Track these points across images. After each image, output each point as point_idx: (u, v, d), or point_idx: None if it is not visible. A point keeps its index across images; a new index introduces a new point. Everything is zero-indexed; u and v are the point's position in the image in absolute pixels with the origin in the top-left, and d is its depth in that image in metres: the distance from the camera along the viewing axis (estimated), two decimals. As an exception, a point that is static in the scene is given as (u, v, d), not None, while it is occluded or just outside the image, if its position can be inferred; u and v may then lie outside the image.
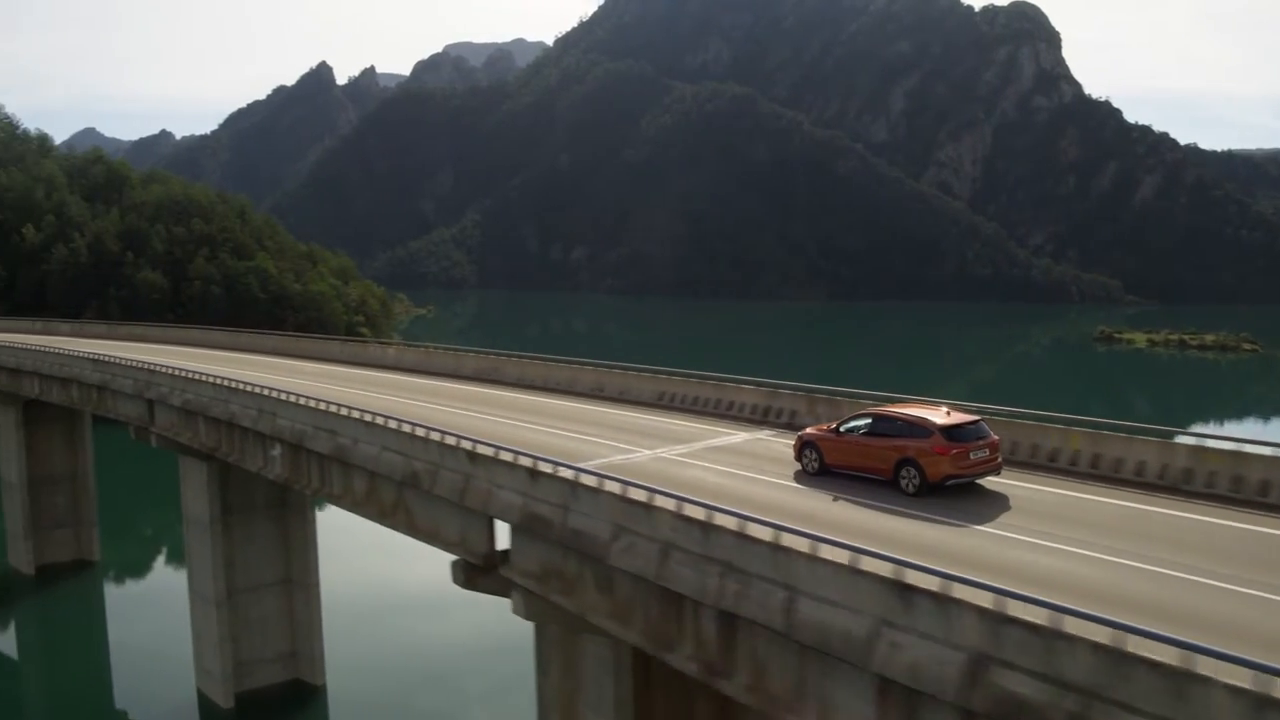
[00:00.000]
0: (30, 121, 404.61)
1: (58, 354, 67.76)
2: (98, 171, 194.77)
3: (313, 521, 57.57)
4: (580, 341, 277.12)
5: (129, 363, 58.55)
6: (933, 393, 53.56)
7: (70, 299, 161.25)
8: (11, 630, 74.73)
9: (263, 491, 54.59)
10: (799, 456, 29.49)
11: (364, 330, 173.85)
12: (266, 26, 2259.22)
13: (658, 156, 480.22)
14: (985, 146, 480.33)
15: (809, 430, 29.98)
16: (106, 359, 61.12)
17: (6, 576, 79.54)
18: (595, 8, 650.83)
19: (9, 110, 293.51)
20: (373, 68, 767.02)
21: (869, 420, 28.40)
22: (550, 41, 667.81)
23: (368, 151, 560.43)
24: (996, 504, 25.70)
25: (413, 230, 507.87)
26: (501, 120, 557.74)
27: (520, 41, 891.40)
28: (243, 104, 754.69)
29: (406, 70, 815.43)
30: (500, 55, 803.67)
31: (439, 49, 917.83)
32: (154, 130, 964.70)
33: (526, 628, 30.55)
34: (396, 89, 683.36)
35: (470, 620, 60.63)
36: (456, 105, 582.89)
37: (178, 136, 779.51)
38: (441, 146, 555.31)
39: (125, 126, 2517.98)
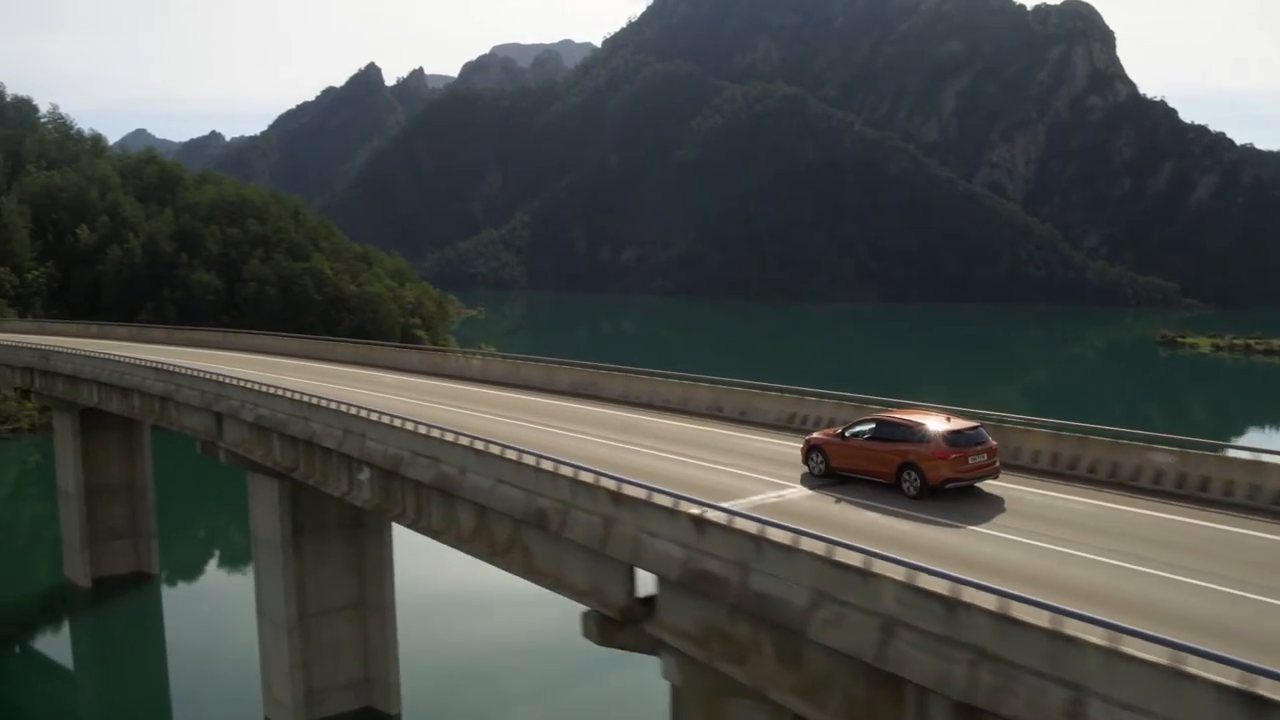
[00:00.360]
0: (82, 122, 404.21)
1: (118, 362, 64.47)
2: (151, 172, 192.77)
3: (389, 542, 53.98)
4: (633, 345, 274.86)
5: (195, 373, 55.03)
6: (986, 396, 50.52)
7: (124, 300, 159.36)
8: (68, 645, 71.89)
9: (336, 510, 51.09)
10: (806, 460, 30.33)
11: (420, 333, 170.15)
12: (314, 29, 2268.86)
13: (707, 157, 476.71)
14: (1038, 147, 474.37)
15: (815, 435, 31.07)
16: (170, 368, 57.56)
17: (63, 589, 76.78)
18: (643, 9, 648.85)
19: (62, 110, 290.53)
20: (421, 69, 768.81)
21: (872, 425, 29.30)
22: (598, 43, 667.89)
23: (416, 152, 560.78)
24: (993, 506, 26.60)
25: (461, 231, 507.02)
26: (550, 121, 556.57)
27: (568, 43, 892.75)
28: (291, 105, 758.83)
29: (454, 71, 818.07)
30: (548, 56, 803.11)
31: (486, 50, 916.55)
32: (204, 132, 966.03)
33: (621, 660, 26.89)
34: (444, 90, 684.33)
35: (558, 646, 57.22)
36: (505, 106, 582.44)
37: (227, 138, 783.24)
38: (490, 147, 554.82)
39: (175, 128, 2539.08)
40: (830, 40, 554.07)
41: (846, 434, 29.47)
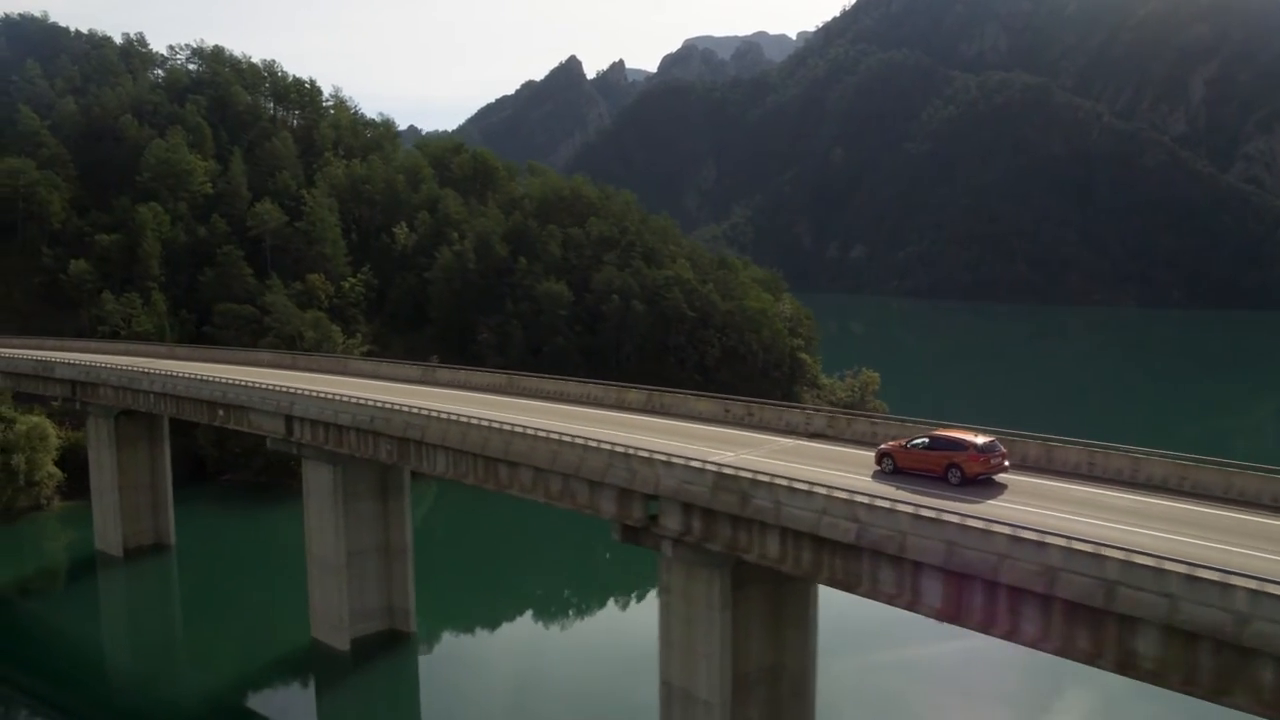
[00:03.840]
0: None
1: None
2: (462, 161, 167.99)
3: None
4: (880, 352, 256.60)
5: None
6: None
7: (456, 314, 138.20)
8: None
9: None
10: (879, 462, 44.47)
11: (804, 355, 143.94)
12: (491, 27, 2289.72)
13: (941, 150, 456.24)
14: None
15: (884, 445, 45.08)
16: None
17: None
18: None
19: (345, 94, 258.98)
20: (621, 62, 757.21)
21: (927, 440, 43.51)
22: (793, 35, 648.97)
23: (626, 145, 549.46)
24: (1002, 488, 41.09)
25: (678, 226, 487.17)
26: (766, 113, 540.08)
27: (763, 34, 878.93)
28: (479, 100, 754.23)
29: (650, 64, 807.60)
30: (748, 48, 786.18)
31: (679, 44, 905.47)
32: (399, 127, 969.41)
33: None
34: (648, 82, 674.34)
35: None
36: (716, 98, 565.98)
37: (423, 132, 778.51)
38: (702, 140, 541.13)
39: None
40: (1063, 27, 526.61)
41: (909, 445, 43.92)
